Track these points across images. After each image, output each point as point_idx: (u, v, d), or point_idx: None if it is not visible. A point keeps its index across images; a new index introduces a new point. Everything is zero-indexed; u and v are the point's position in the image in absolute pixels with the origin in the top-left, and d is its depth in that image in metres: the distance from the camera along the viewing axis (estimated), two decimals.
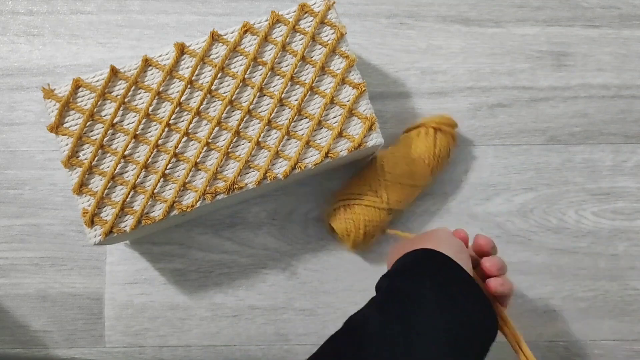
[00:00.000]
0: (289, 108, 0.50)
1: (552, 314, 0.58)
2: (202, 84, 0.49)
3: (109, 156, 0.49)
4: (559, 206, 0.59)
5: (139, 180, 0.49)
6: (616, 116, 0.60)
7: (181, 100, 0.49)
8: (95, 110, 0.49)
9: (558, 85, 0.61)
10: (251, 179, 0.49)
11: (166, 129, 0.49)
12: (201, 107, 0.49)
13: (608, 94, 0.61)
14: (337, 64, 0.50)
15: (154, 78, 0.49)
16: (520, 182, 0.59)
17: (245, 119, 0.49)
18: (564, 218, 0.59)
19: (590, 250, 0.59)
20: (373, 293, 0.43)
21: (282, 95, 0.49)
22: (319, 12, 0.50)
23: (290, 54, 0.50)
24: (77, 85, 0.48)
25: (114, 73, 0.49)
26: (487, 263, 0.44)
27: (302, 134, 0.50)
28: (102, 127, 0.49)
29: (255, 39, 0.50)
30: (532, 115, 0.60)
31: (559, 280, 0.58)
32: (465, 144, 0.60)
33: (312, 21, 0.50)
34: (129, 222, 0.48)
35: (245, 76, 0.50)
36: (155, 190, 0.49)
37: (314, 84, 0.50)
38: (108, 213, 0.48)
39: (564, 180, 0.59)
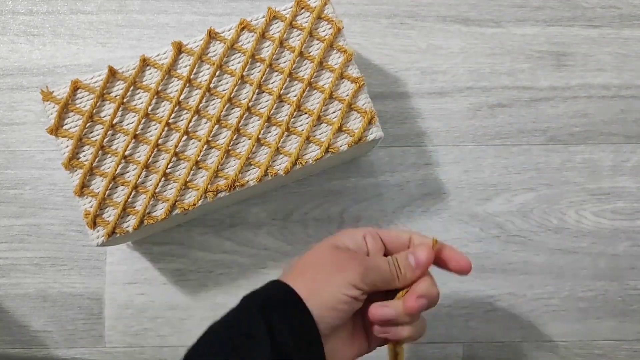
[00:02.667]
0: (288, 104, 0.50)
1: (552, 314, 0.58)
2: (200, 82, 0.49)
3: (110, 157, 0.49)
4: (559, 206, 0.59)
5: (140, 180, 0.49)
6: (616, 116, 0.60)
7: (180, 99, 0.49)
8: (94, 111, 0.49)
9: (558, 85, 0.61)
10: (252, 176, 0.49)
11: (166, 129, 0.49)
12: (200, 105, 0.49)
13: (608, 94, 0.60)
14: (335, 59, 0.50)
15: (152, 78, 0.49)
16: (520, 182, 0.59)
17: (244, 116, 0.49)
18: (564, 218, 0.59)
19: (591, 250, 0.59)
20: None
21: (281, 92, 0.49)
22: (315, 8, 0.50)
23: (287, 50, 0.50)
24: (75, 87, 0.48)
25: (112, 74, 0.49)
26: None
27: (302, 130, 0.50)
28: (102, 128, 0.49)
29: (252, 36, 0.50)
30: (532, 115, 0.60)
31: (559, 280, 0.58)
32: (465, 144, 0.60)
33: (308, 17, 0.50)
34: (131, 223, 0.48)
35: (244, 73, 0.50)
36: (157, 190, 0.49)
37: (312, 80, 0.50)
38: (110, 214, 0.48)
39: (564, 180, 0.59)
